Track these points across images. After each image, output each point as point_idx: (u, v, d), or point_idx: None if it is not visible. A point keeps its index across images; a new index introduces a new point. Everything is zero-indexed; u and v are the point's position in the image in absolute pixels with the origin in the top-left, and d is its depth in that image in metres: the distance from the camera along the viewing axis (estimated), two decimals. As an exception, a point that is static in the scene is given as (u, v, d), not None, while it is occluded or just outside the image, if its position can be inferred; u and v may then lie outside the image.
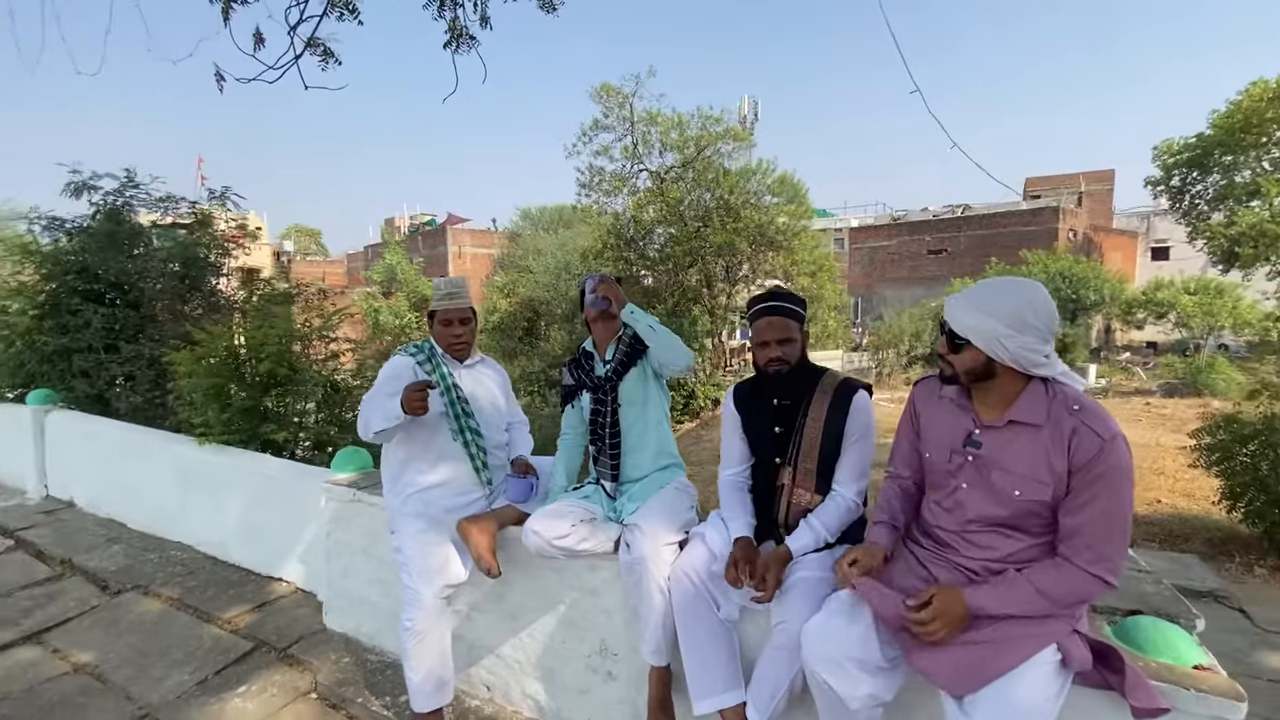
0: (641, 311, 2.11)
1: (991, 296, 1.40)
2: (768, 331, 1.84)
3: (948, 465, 1.54)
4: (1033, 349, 1.37)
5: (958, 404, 1.55)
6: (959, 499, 1.51)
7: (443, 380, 2.29)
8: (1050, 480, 1.37)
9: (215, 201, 6.17)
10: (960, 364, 1.46)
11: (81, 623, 3.09)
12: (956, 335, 1.44)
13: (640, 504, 2.07)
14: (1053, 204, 30.34)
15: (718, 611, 1.80)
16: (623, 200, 17.85)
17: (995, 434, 1.46)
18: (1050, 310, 1.40)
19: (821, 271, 17.59)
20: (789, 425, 1.85)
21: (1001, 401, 1.46)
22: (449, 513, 2.25)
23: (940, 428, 1.57)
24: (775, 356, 1.83)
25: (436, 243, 35.02)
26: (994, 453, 1.45)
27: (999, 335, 1.36)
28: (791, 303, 1.84)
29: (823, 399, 1.81)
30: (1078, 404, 1.37)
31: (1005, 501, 1.43)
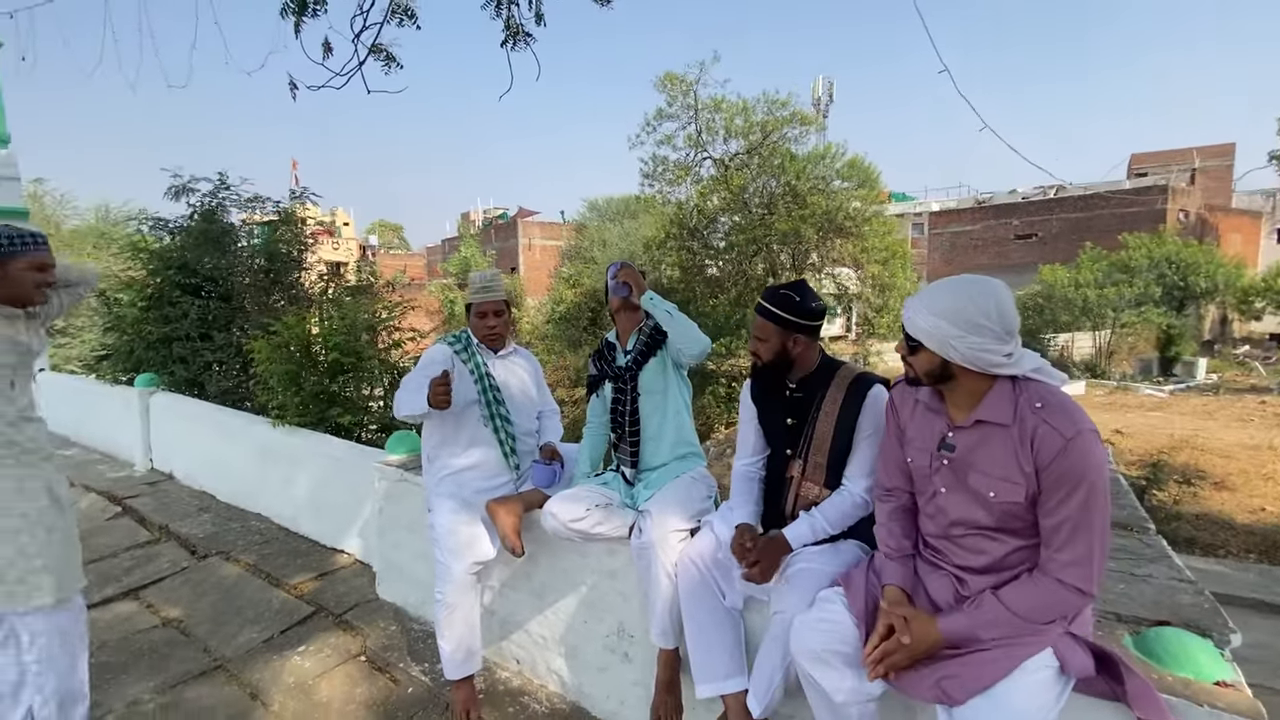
0: (660, 298, 2.14)
1: (941, 297, 1.37)
2: (753, 327, 1.86)
3: (926, 469, 1.50)
4: (987, 350, 1.32)
5: (930, 406, 1.50)
6: (939, 504, 1.47)
7: (476, 369, 2.40)
8: (1022, 480, 1.31)
9: (296, 200, 6.64)
10: (918, 366, 1.43)
11: (172, 582, 3.45)
12: (911, 337, 1.41)
13: (656, 491, 2.11)
14: (1161, 182, 27.74)
15: (723, 600, 1.82)
16: (686, 189, 17.75)
17: (966, 435, 1.41)
18: (1006, 309, 1.34)
19: (894, 259, 16.84)
20: (802, 418, 1.83)
21: (968, 401, 1.41)
22: (479, 494, 2.37)
23: (919, 431, 1.53)
24: (751, 350, 1.86)
25: (508, 235, 36.09)
26: (967, 454, 1.41)
27: (948, 337, 1.33)
28: (774, 305, 1.79)
29: (837, 393, 1.78)
30: (1040, 401, 1.32)
31: (984, 504, 1.38)
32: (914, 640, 1.33)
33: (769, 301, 1.79)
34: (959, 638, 1.32)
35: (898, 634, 1.35)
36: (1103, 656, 1.30)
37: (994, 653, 1.28)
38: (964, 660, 1.29)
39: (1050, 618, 1.29)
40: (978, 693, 1.25)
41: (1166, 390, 16.85)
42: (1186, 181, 29.48)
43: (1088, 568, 1.26)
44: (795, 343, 1.79)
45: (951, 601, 1.41)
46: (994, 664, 1.26)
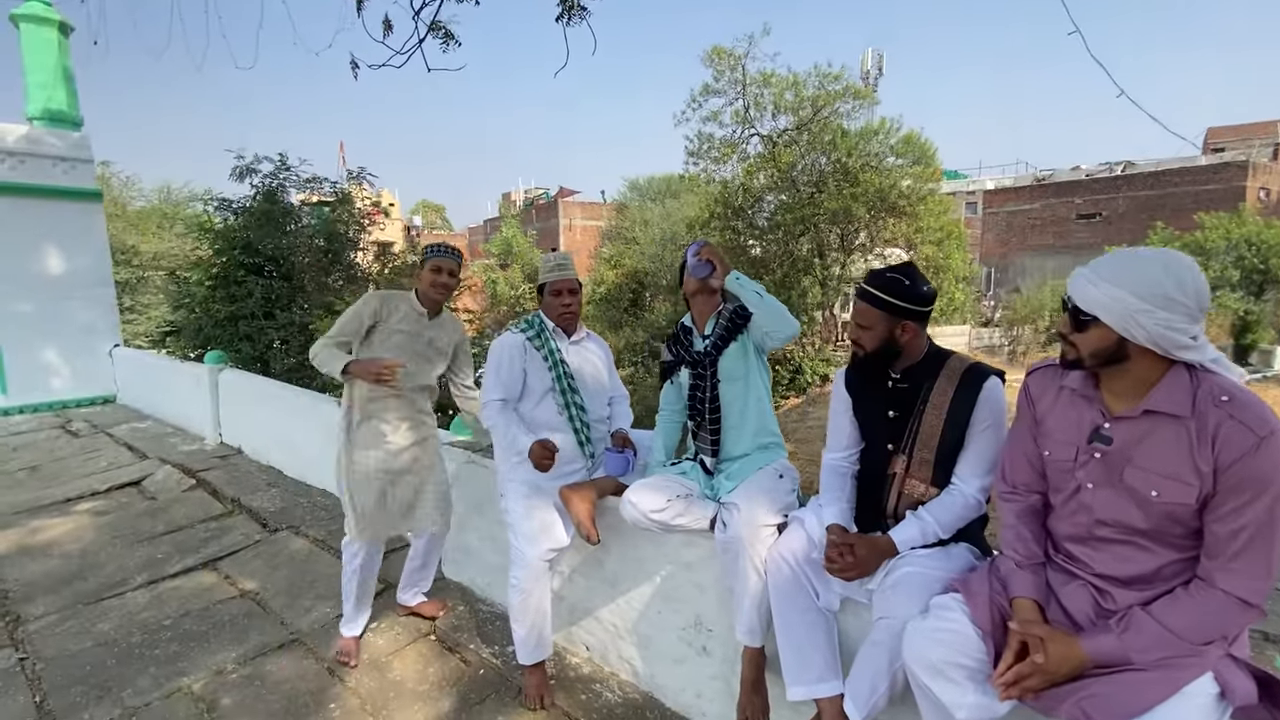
0: (747, 278, 2.04)
1: (1126, 266, 1.23)
2: (853, 311, 1.74)
3: (1070, 463, 1.36)
4: (1176, 329, 1.18)
5: (1081, 394, 1.36)
6: (1084, 501, 1.34)
7: (550, 356, 2.35)
8: (1195, 480, 1.18)
9: (353, 181, 6.72)
10: (1085, 345, 1.28)
11: (246, 554, 3.56)
12: (1082, 312, 1.27)
13: (738, 483, 2.03)
14: (1240, 158, 25.88)
15: (816, 599, 1.73)
16: (732, 167, 17.38)
17: (1128, 426, 1.27)
18: (1200, 285, 1.19)
19: (949, 239, 16.21)
20: (906, 410, 1.71)
21: (1135, 389, 1.27)
22: (553, 480, 2.33)
23: (1062, 421, 1.39)
24: (852, 338, 1.74)
25: (549, 216, 36.13)
26: (1127, 448, 1.27)
27: (1134, 311, 1.19)
28: (881, 289, 1.66)
29: (947, 384, 1.66)
30: (1226, 394, 1.18)
31: (1141, 504, 1.25)
32: (1051, 662, 1.22)
33: (875, 286, 1.67)
34: (1107, 661, 1.21)
35: (1032, 654, 1.24)
36: (1267, 682, 1.17)
37: (1150, 674, 1.16)
38: (1114, 680, 1.18)
39: (1212, 636, 1.17)
40: (1127, 718, 1.14)
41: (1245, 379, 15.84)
42: (1269, 157, 27.40)
43: (1262, 581, 1.14)
44: (904, 330, 1.67)
45: (1090, 615, 1.30)
46: (1150, 687, 1.15)
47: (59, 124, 7.32)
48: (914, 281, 1.66)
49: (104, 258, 7.67)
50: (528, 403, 2.37)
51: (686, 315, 2.30)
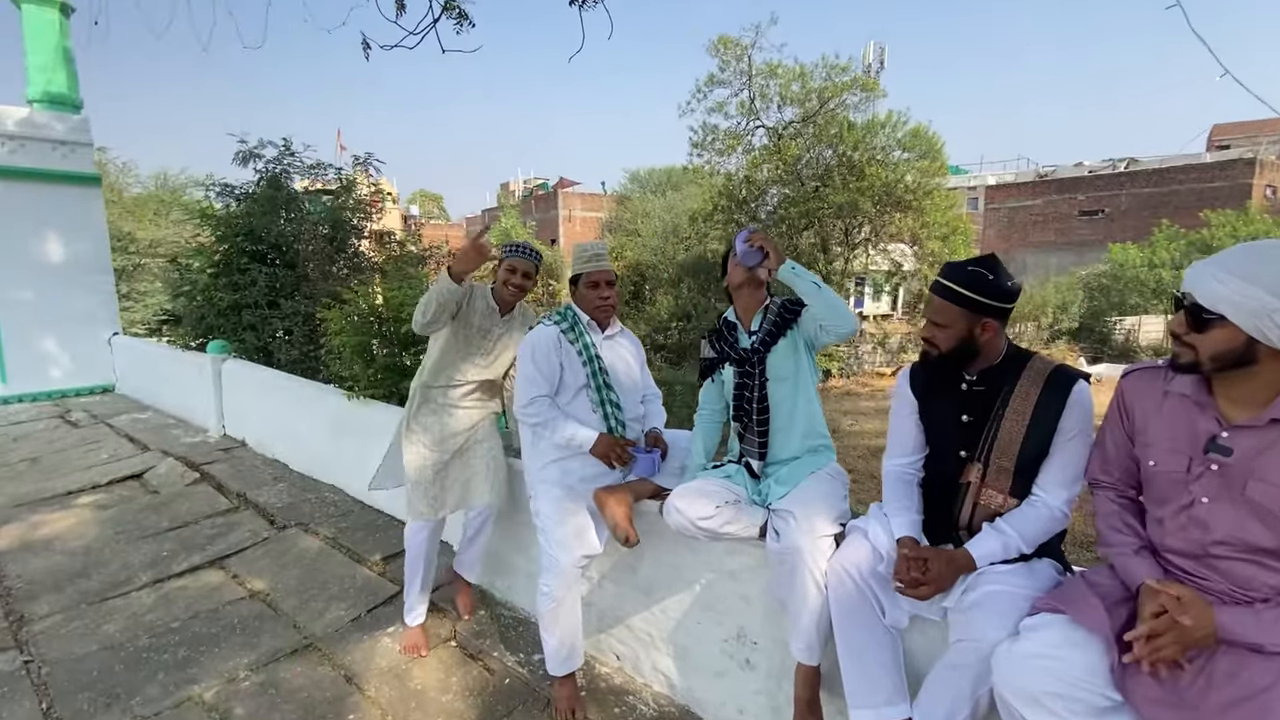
0: (803, 267, 1.92)
1: (1261, 260, 1.14)
2: (926, 307, 1.62)
3: (1182, 475, 1.27)
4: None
5: (1194, 400, 1.27)
6: (1197, 516, 1.25)
7: (585, 351, 2.23)
8: None
9: (359, 167, 6.54)
10: (1207, 347, 1.20)
11: (255, 552, 3.44)
12: (1204, 310, 1.18)
13: (789, 488, 1.91)
14: (1247, 155, 25.80)
15: (883, 617, 1.62)
16: (736, 159, 17.21)
17: (1251, 436, 1.19)
18: None
19: (955, 235, 16.12)
20: (982, 414, 1.60)
21: (1259, 395, 1.19)
22: (585, 482, 2.21)
23: (1169, 428, 1.30)
24: (924, 337, 1.62)
25: (548, 206, 35.88)
26: (1249, 460, 1.18)
27: (1270, 310, 1.10)
28: (961, 283, 1.54)
29: (1031, 387, 1.54)
30: None
31: (1267, 520, 1.16)
32: (1193, 623, 1.14)
33: (955, 280, 1.55)
34: (1238, 639, 1.13)
35: (1172, 614, 1.16)
36: None
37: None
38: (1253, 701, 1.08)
39: None
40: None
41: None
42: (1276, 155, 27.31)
43: None
44: (984, 328, 1.55)
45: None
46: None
47: (59, 107, 7.12)
48: (997, 275, 1.54)
49: (103, 244, 7.49)
50: (560, 400, 2.25)
51: (729, 310, 2.17)
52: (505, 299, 2.57)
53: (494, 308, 2.58)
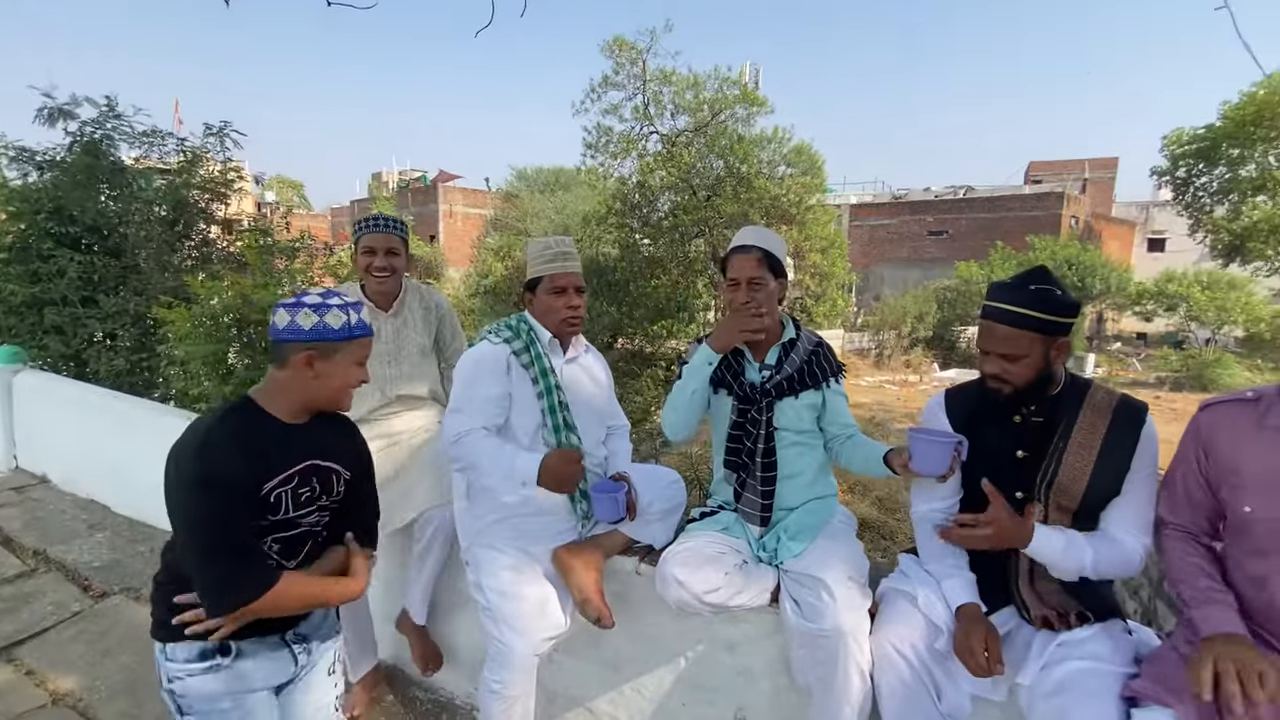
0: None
1: None
2: (990, 340, 1.38)
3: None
4: None
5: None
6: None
7: (542, 376, 1.77)
8: None
9: (212, 138, 5.46)
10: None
11: (61, 634, 2.58)
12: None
13: (803, 544, 1.61)
14: (1058, 189, 30.05)
15: (939, 703, 1.35)
16: (631, 164, 17.08)
17: None
18: None
19: (833, 248, 17.09)
20: (1039, 450, 1.39)
21: None
22: (540, 543, 1.77)
23: (1262, 468, 1.15)
24: (993, 374, 1.38)
25: (427, 200, 33.83)
26: None
27: None
28: (1033, 305, 1.32)
29: (1096, 419, 1.37)
30: None
31: None
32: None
33: (1018, 302, 1.33)
34: None
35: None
36: None
37: None
38: None
39: None
40: None
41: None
42: (1078, 190, 32.10)
43: None
44: (1058, 351, 1.36)
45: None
46: None
47: None
48: (1062, 289, 1.36)
49: None
50: (510, 437, 1.77)
51: None
52: (378, 290, 2.12)
53: (373, 311, 2.13)
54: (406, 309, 2.20)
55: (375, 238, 2.07)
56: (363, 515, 1.42)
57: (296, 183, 58.80)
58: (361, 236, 2.10)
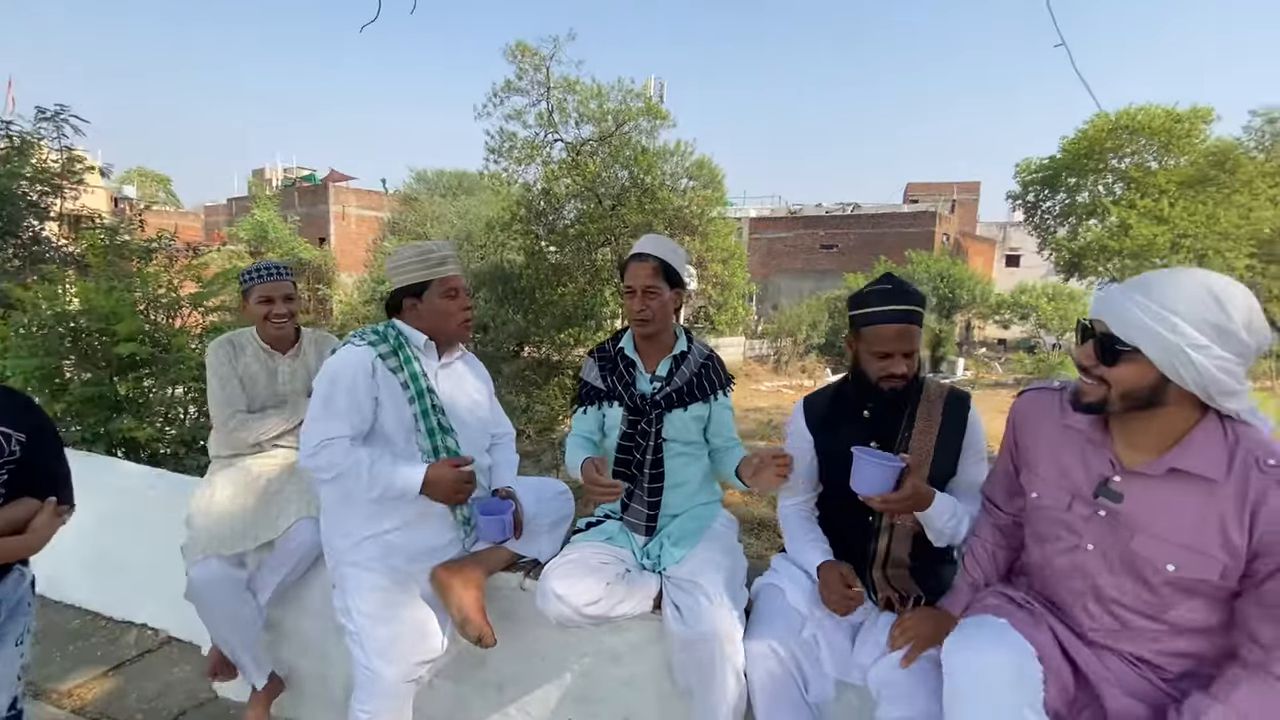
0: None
1: (1179, 287, 1.03)
2: (896, 341, 1.46)
3: (1065, 515, 1.21)
4: (1230, 373, 1.02)
5: (1089, 436, 1.20)
6: (1079, 563, 1.20)
7: (413, 383, 1.68)
8: (1224, 555, 1.05)
9: (45, 123, 4.81)
10: (1121, 382, 1.08)
11: None
12: (1118, 340, 1.06)
13: (685, 550, 1.63)
14: (931, 209, 32.93)
15: (806, 693, 1.41)
16: (535, 170, 16.91)
17: (1146, 485, 1.12)
18: (1263, 324, 1.04)
19: (733, 259, 17.74)
20: (888, 440, 1.53)
21: (1159, 440, 1.10)
22: (416, 560, 1.68)
23: (1061, 463, 1.24)
24: (900, 374, 1.47)
25: (316, 201, 31.75)
26: (1140, 510, 1.12)
27: (1190, 346, 1.00)
28: (915, 301, 1.48)
29: (932, 409, 1.52)
30: (1273, 458, 1.03)
31: (1151, 574, 1.11)
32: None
33: (910, 301, 1.46)
34: None
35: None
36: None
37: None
38: None
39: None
40: None
41: (940, 386, 20.03)
42: (948, 210, 35.35)
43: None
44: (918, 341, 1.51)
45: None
46: None
47: None
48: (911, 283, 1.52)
49: None
50: (380, 448, 1.67)
51: (628, 337, 1.83)
52: (276, 335, 2.17)
53: (270, 353, 2.15)
54: (304, 351, 2.23)
55: (270, 286, 2.12)
56: (50, 476, 1.43)
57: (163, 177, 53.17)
58: (254, 286, 2.11)
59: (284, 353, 2.20)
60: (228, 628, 1.91)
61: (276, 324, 2.13)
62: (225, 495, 1.99)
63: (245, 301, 2.16)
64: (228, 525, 1.93)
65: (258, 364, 2.14)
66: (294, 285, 2.19)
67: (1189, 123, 25.23)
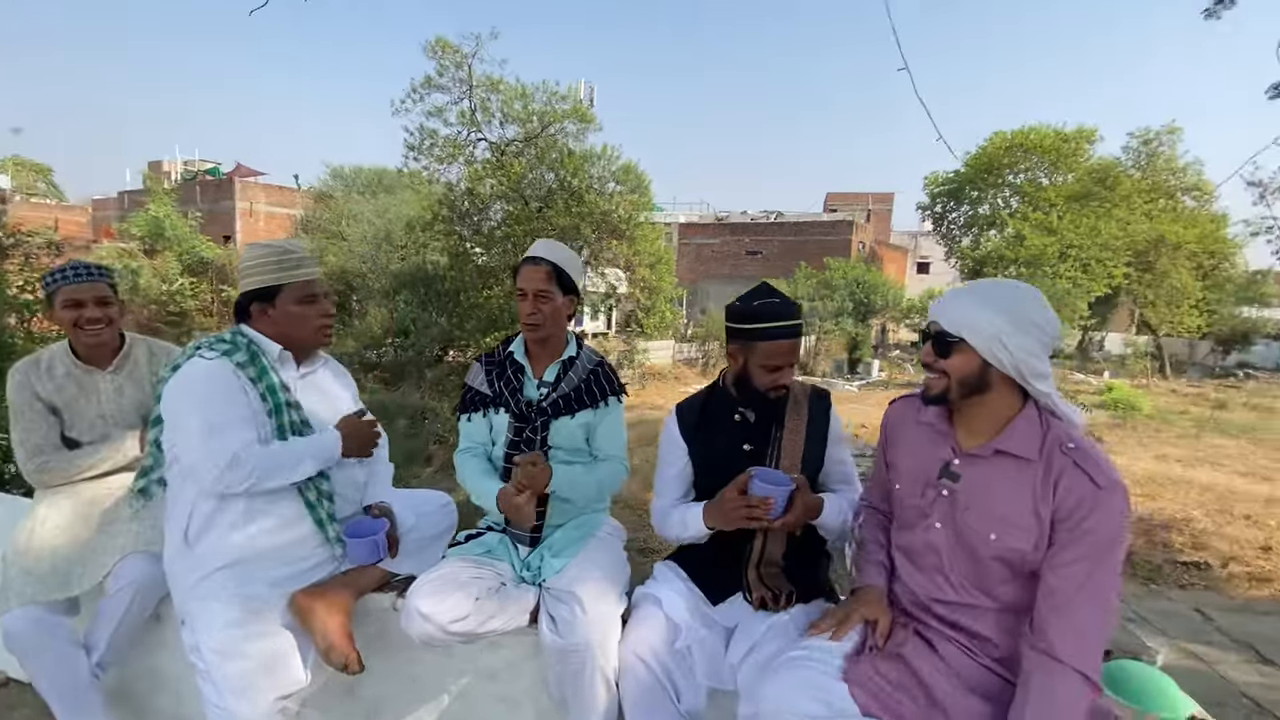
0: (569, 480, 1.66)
1: (991, 290, 1.25)
2: (788, 355, 1.55)
3: (918, 500, 1.34)
4: (1035, 356, 1.20)
5: (936, 428, 1.34)
6: (931, 540, 1.31)
7: (271, 394, 1.57)
8: (1035, 526, 1.19)
9: None
10: (954, 371, 1.25)
11: None
12: (948, 334, 1.23)
13: (566, 560, 1.60)
14: (849, 218, 34.51)
15: (678, 702, 1.41)
16: (458, 170, 16.49)
17: (978, 465, 1.27)
18: (1054, 317, 1.24)
19: (660, 264, 17.92)
20: (762, 441, 1.58)
21: (989, 425, 1.27)
22: (276, 587, 1.56)
23: (915, 456, 1.37)
24: (786, 383, 1.57)
25: (220, 196, 29.70)
26: (973, 488, 1.27)
27: (1000, 333, 1.18)
28: (796, 315, 1.56)
29: (799, 409, 1.60)
30: (1073, 441, 1.21)
31: (980, 545, 1.24)
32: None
33: (798, 316, 1.55)
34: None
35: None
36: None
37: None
38: None
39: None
40: None
41: (856, 386, 20.94)
42: (864, 220, 37.16)
43: (1098, 655, 1.14)
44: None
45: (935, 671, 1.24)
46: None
47: None
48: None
49: None
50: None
51: (518, 342, 1.78)
52: (91, 345, 1.87)
53: (85, 369, 1.89)
54: (133, 364, 1.93)
55: (79, 288, 1.82)
56: None
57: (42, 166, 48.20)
58: (59, 289, 1.81)
59: (104, 367, 1.90)
60: (55, 687, 1.70)
61: (90, 332, 1.83)
62: (50, 529, 1.76)
63: (51, 309, 1.87)
64: (48, 564, 1.71)
65: (73, 385, 1.85)
66: (112, 289, 1.89)
67: (1075, 142, 27.70)
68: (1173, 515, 7.04)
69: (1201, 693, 2.82)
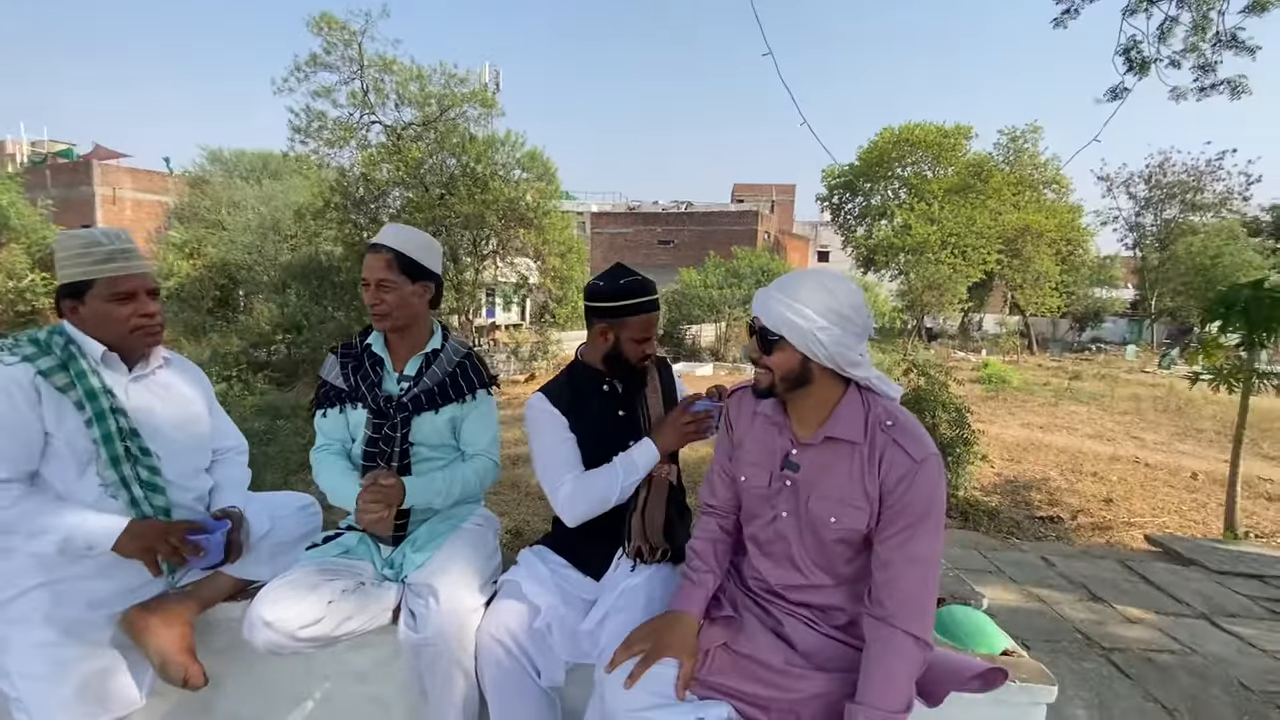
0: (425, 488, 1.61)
1: (805, 286, 1.24)
2: (651, 327, 1.64)
3: (764, 490, 1.37)
4: (848, 345, 1.23)
5: (774, 420, 1.37)
6: (779, 530, 1.35)
7: (91, 398, 1.43)
8: (865, 505, 1.25)
9: None
10: (777, 367, 1.27)
11: None
12: (769, 332, 1.25)
13: (428, 554, 1.57)
14: (754, 209, 35.65)
15: (538, 679, 1.43)
16: (351, 154, 15.56)
17: (813, 453, 1.31)
18: (864, 304, 1.28)
19: (571, 253, 17.75)
20: (631, 407, 1.69)
21: (818, 414, 1.30)
22: (99, 607, 1.43)
23: (757, 447, 1.39)
24: (644, 355, 1.66)
25: (77, 180, 26.42)
26: (811, 475, 1.31)
27: (814, 328, 1.21)
28: (653, 290, 1.66)
29: (653, 377, 1.74)
30: (890, 419, 1.26)
31: (823, 529, 1.29)
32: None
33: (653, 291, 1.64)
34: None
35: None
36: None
37: None
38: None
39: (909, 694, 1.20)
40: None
41: (764, 370, 21.80)
42: (769, 210, 38.53)
43: (928, 618, 1.22)
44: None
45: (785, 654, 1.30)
46: None
47: None
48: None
49: None
50: (51, 476, 1.40)
51: (376, 335, 1.70)
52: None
53: None
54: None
55: None
56: None
57: None
58: None
59: None
60: None
61: None
62: None
63: None
64: None
65: None
66: None
67: (954, 139, 29.92)
68: (1033, 476, 7.86)
69: (1039, 628, 3.21)
